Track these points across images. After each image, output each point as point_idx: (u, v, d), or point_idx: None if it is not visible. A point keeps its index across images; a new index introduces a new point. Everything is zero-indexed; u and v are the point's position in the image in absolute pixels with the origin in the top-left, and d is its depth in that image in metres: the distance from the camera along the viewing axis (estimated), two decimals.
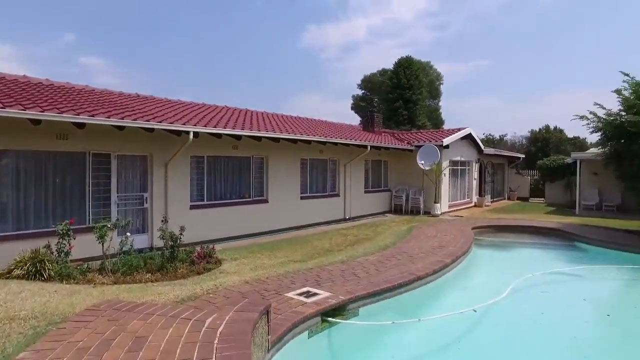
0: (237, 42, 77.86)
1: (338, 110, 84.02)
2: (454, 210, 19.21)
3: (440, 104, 48.39)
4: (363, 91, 48.54)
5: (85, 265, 7.21)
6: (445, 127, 41.02)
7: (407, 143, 18.34)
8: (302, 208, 13.65)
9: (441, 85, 47.47)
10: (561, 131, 52.64)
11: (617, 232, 12.08)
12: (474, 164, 21.83)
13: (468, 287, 7.58)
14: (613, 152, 11.48)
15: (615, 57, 70.75)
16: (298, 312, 4.91)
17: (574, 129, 74.39)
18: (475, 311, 5.65)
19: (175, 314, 3.71)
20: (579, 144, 50.94)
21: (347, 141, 14.22)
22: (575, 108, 71.95)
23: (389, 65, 45.18)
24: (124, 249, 7.52)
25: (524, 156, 29.13)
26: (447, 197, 18.81)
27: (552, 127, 53.37)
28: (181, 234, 7.96)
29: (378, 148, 16.45)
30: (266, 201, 12.40)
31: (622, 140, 11.15)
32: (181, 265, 7.59)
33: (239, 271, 7.49)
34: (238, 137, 10.68)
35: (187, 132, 9.16)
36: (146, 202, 9.65)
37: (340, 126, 19.88)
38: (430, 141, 17.95)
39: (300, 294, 5.68)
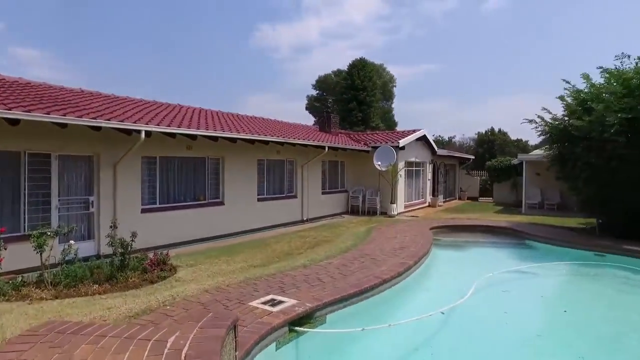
0: (189, 40, 75.51)
1: (293, 110, 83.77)
2: (410, 211, 19.57)
3: (393, 105, 49.45)
4: (318, 91, 48.63)
5: (19, 279, 6.49)
6: (398, 128, 41.96)
7: (364, 144, 18.44)
8: (259, 210, 13.28)
9: (394, 87, 48.52)
10: (505, 133, 55.44)
11: (561, 230, 12.76)
12: (427, 164, 22.38)
13: (431, 288, 7.61)
14: (557, 155, 12.09)
15: (556, 62, 75.92)
16: (264, 322, 4.63)
17: (517, 132, 78.69)
18: (443, 313, 5.64)
19: (131, 335, 3.32)
20: (522, 146, 53.84)
21: (305, 142, 14.02)
22: (518, 111, 76.53)
23: (343, 66, 45.66)
24: (66, 258, 6.86)
25: (473, 157, 30.31)
26: (402, 197, 19.11)
27: (497, 130, 56.15)
28: (132, 240, 7.40)
29: (335, 149, 16.40)
30: (222, 203, 11.93)
31: (566, 143, 11.74)
32: (133, 274, 7.04)
33: (196, 279, 7.06)
34: (193, 137, 10.16)
35: (139, 131, 8.55)
36: (92, 206, 8.92)
37: (298, 127, 19.65)
38: (387, 142, 18.16)
39: (265, 303, 5.39)
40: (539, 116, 12.49)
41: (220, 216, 11.78)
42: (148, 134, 8.83)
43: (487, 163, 27.86)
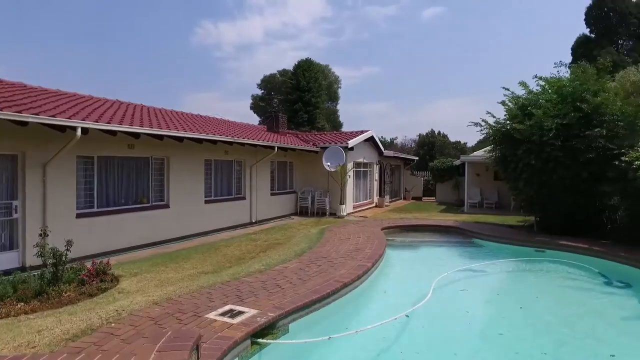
0: (124, 33, 71.43)
1: (236, 110, 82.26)
2: (358, 211, 19.71)
3: (338, 106, 49.96)
4: (263, 91, 47.94)
5: None
6: (344, 129, 42.42)
7: (313, 144, 18.30)
8: (207, 213, 12.65)
9: (339, 89, 49.03)
10: (445, 135, 58.09)
11: (503, 228, 13.40)
12: (375, 165, 22.71)
13: (390, 290, 7.55)
14: (500, 156, 12.67)
15: (492, 67, 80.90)
16: (225, 337, 4.26)
17: (456, 134, 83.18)
18: (407, 316, 5.57)
19: None
20: (461, 148, 56.70)
21: (255, 142, 13.59)
22: (456, 114, 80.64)
23: (287, 66, 45.49)
24: None
25: (417, 158, 31.27)
26: (351, 198, 19.20)
27: (437, 132, 58.64)
28: (67, 249, 6.63)
29: (285, 149, 16.10)
30: (167, 206, 11.19)
31: (509, 146, 12.29)
32: (68, 288, 6.32)
33: (142, 289, 6.47)
34: (136, 135, 9.40)
35: (74, 128, 7.72)
36: (16, 212, 7.92)
37: (246, 126, 19.13)
38: (336, 143, 18.14)
39: (223, 314, 5.00)
40: (483, 120, 13.04)
41: (166, 220, 11.05)
42: (85, 131, 8.01)
43: (431, 164, 28.89)
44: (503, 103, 12.70)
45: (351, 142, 18.05)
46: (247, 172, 14.77)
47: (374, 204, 22.54)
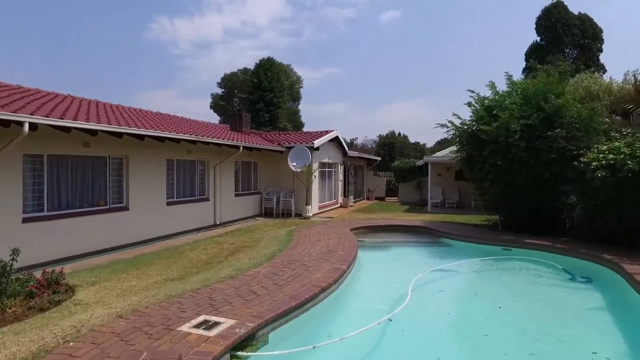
0: (72, 26, 67.61)
1: (195, 108, 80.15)
2: (324, 212, 19.54)
3: (299, 106, 49.69)
4: (223, 90, 46.81)
5: None
6: (305, 130, 42.21)
7: (278, 144, 17.93)
8: (169, 215, 12.00)
9: (301, 88, 48.77)
10: (405, 136, 59.33)
11: (468, 227, 13.65)
12: (339, 165, 22.65)
13: (367, 293, 7.38)
14: (467, 157, 12.87)
15: (448, 69, 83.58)
16: (204, 352, 3.88)
17: (415, 135, 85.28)
18: (391, 320, 5.39)
19: None
20: (420, 148, 58.06)
21: (220, 141, 13.07)
22: (414, 114, 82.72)
23: (246, 65, 44.75)
24: None
25: (380, 159, 31.56)
26: (317, 198, 19.00)
27: (397, 133, 59.71)
28: (13, 258, 5.96)
29: (250, 149, 15.64)
30: (127, 208, 10.48)
31: (471, 147, 12.50)
32: (13, 302, 5.66)
33: (103, 300, 5.91)
34: (93, 133, 8.69)
35: (20, 123, 6.97)
36: None
37: (208, 125, 18.49)
38: (301, 143, 17.87)
39: (198, 326, 4.60)
40: (449, 121, 13.22)
41: (125, 223, 10.34)
42: (33, 126, 7.27)
43: (393, 164, 29.24)
44: (469, 104, 12.93)
45: (317, 142, 17.85)
46: (211, 173, 14.19)
47: (338, 205, 22.47)
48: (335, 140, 21.19)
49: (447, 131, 13.33)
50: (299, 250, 9.17)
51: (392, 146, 56.68)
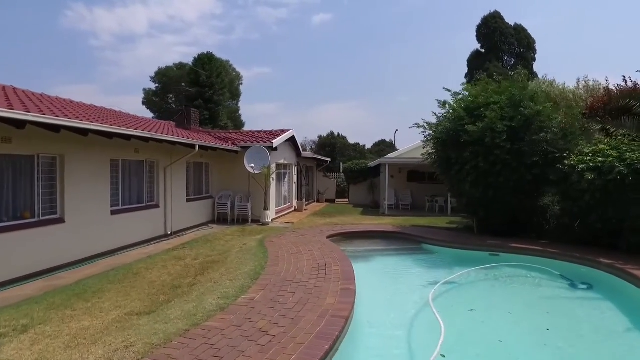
0: None
1: (124, 105, 74.45)
2: (281, 216, 18.23)
3: (239, 105, 47.52)
4: (157, 85, 43.34)
5: None
6: (246, 129, 40.26)
7: (232, 143, 16.33)
8: (114, 226, 10.05)
9: (241, 86, 46.66)
10: (344, 138, 59.44)
11: (443, 231, 13.13)
12: (293, 167, 21.43)
13: (377, 317, 6.25)
14: (444, 158, 12.31)
15: (379, 71, 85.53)
16: None
17: (354, 136, 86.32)
18: (443, 356, 4.37)
19: None
20: (360, 150, 58.47)
21: (177, 139, 11.33)
22: (345, 116, 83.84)
23: (174, 61, 41.86)
24: None
25: (330, 160, 30.74)
26: (274, 203, 17.63)
27: (337, 134, 59.67)
28: None
29: (205, 148, 13.92)
30: (62, 220, 8.46)
31: (450, 148, 11.97)
32: None
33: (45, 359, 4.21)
34: (19, 124, 6.70)
35: None
36: None
37: (152, 121, 16.41)
38: (258, 142, 16.44)
39: None
40: (426, 122, 12.63)
41: (60, 238, 8.33)
42: None
43: (344, 165, 28.59)
44: (444, 103, 12.41)
45: (276, 142, 16.52)
46: (161, 175, 12.32)
47: (293, 208, 21.24)
48: (290, 140, 19.94)
49: (423, 132, 12.72)
50: (285, 267, 7.85)
51: (333, 147, 56.44)
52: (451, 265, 9.90)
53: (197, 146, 12.64)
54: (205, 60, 37.95)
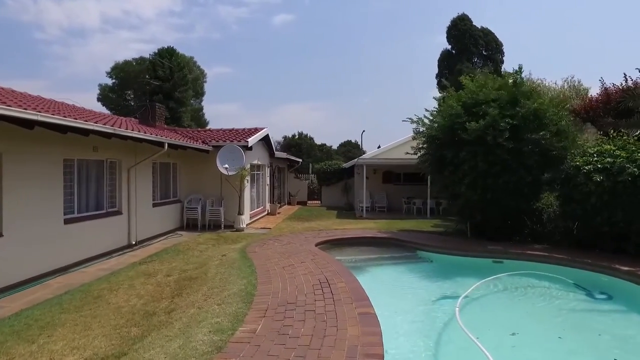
0: None
1: (76, 102, 69.48)
2: (255, 221, 16.95)
3: (202, 103, 45.48)
4: (114, 80, 40.54)
5: None
6: (213, 128, 38.41)
7: (202, 142, 14.89)
8: (68, 237, 8.49)
9: (205, 83, 44.62)
10: (311, 138, 58.54)
11: (433, 235, 12.36)
12: (266, 168, 20.15)
13: (404, 348, 5.25)
14: (437, 158, 11.52)
15: (342, 73, 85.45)
16: None
17: (319, 137, 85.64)
18: None
19: None
20: (326, 150, 57.73)
21: (144, 136, 9.89)
22: (310, 118, 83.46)
23: (125, 57, 39.37)
24: None
25: (301, 160, 29.57)
26: (249, 206, 16.32)
27: (303, 134, 58.67)
28: None
29: (175, 147, 12.46)
30: None
31: (445, 147, 11.20)
32: None
33: None
34: None
35: None
36: None
37: (112, 117, 14.70)
38: (231, 141, 15.10)
39: None
40: (420, 118, 11.83)
41: None
42: None
43: (317, 166, 27.57)
44: (442, 101, 11.65)
45: (251, 141, 15.25)
46: (124, 177, 10.78)
47: (266, 212, 19.96)
48: (264, 139, 18.68)
49: (416, 128, 11.90)
50: (280, 285, 6.69)
51: (299, 148, 55.40)
52: (454, 274, 9.12)
53: (167, 144, 11.18)
54: (167, 55, 35.90)
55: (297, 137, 58.21)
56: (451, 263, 9.71)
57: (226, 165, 14.18)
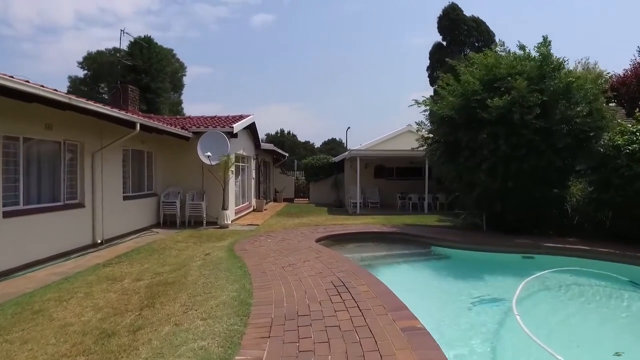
0: None
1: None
2: (240, 217, 15.34)
3: (182, 97, 43.37)
4: (86, 72, 38.10)
5: None
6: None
7: (182, 128, 13.21)
8: (9, 234, 6.77)
9: (184, 76, 42.54)
10: (294, 135, 57.12)
11: (443, 230, 11.03)
12: (252, 160, 18.52)
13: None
14: (450, 143, 10.15)
15: (322, 74, 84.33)
16: None
17: (304, 136, 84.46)
18: None
19: None
20: (310, 148, 56.36)
21: (109, 111, 8.21)
22: (292, 118, 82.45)
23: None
24: None
25: (288, 155, 27.94)
26: (234, 201, 14.70)
27: (286, 131, 57.21)
28: None
29: (148, 130, 10.77)
30: None
31: (460, 129, 9.87)
32: None
33: None
34: None
35: None
36: None
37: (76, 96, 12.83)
38: (215, 127, 13.48)
39: None
40: (427, 97, 10.48)
41: None
42: None
43: (304, 161, 26.06)
44: (456, 79, 10.30)
45: (236, 127, 13.66)
46: (87, 163, 9.06)
47: (252, 208, 18.32)
48: (250, 128, 17.08)
49: (424, 111, 10.54)
50: (283, 289, 5.17)
51: (282, 145, 53.93)
52: (480, 272, 7.78)
53: (139, 125, 9.51)
54: (143, 45, 33.79)
55: (279, 134, 56.71)
56: (473, 259, 8.36)
57: (208, 154, 12.56)
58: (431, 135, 11.60)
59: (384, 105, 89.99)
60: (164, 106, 35.08)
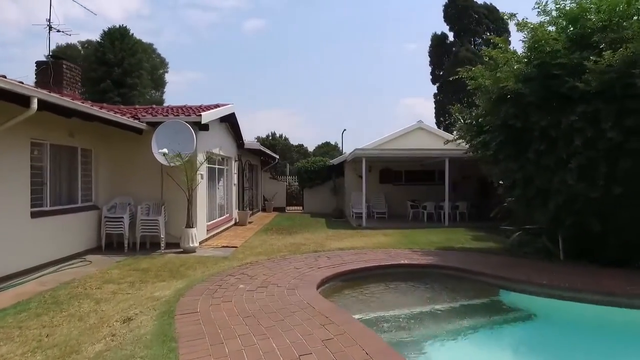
0: None
1: None
2: (215, 235, 11.88)
3: (164, 97, 39.77)
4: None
5: None
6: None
7: (133, 117, 9.76)
8: None
9: (166, 74, 38.97)
10: (286, 139, 54.01)
11: (497, 257, 7.68)
12: (233, 162, 15.05)
13: None
14: (516, 131, 6.80)
15: (315, 79, 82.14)
16: None
17: (297, 140, 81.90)
18: None
19: None
20: (303, 152, 53.18)
21: None
22: (283, 123, 79.95)
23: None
24: None
25: (278, 157, 24.43)
26: (204, 215, 11.21)
27: (278, 135, 54.22)
28: None
29: (68, 114, 7.33)
30: None
31: (515, 110, 6.58)
32: None
33: None
34: None
35: None
36: None
37: None
38: (178, 116, 10.07)
39: None
40: (470, 68, 7.18)
41: None
42: None
43: (297, 164, 22.65)
44: (523, 25, 7.00)
45: (206, 117, 10.23)
46: None
47: (233, 221, 14.84)
48: (229, 121, 13.68)
49: (472, 84, 7.22)
50: None
51: (273, 149, 50.68)
52: (605, 345, 4.40)
53: (36, 100, 6.03)
54: (117, 36, 30.32)
55: (270, 137, 53.43)
56: (576, 318, 4.99)
57: (164, 150, 9.12)
58: (472, 123, 8.26)
59: (378, 110, 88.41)
60: (140, 101, 31.58)
